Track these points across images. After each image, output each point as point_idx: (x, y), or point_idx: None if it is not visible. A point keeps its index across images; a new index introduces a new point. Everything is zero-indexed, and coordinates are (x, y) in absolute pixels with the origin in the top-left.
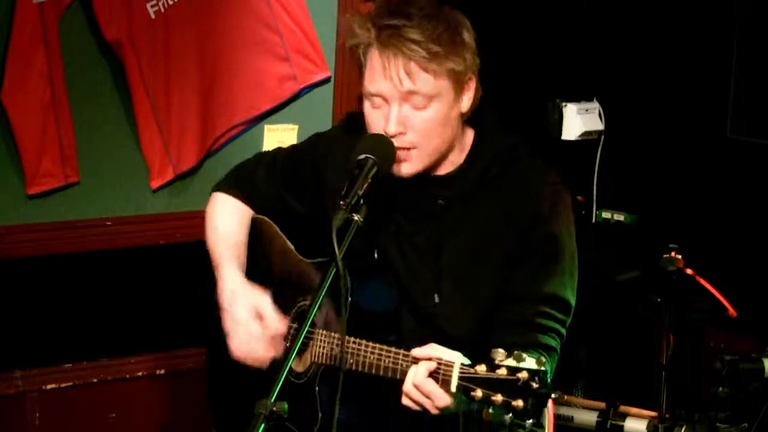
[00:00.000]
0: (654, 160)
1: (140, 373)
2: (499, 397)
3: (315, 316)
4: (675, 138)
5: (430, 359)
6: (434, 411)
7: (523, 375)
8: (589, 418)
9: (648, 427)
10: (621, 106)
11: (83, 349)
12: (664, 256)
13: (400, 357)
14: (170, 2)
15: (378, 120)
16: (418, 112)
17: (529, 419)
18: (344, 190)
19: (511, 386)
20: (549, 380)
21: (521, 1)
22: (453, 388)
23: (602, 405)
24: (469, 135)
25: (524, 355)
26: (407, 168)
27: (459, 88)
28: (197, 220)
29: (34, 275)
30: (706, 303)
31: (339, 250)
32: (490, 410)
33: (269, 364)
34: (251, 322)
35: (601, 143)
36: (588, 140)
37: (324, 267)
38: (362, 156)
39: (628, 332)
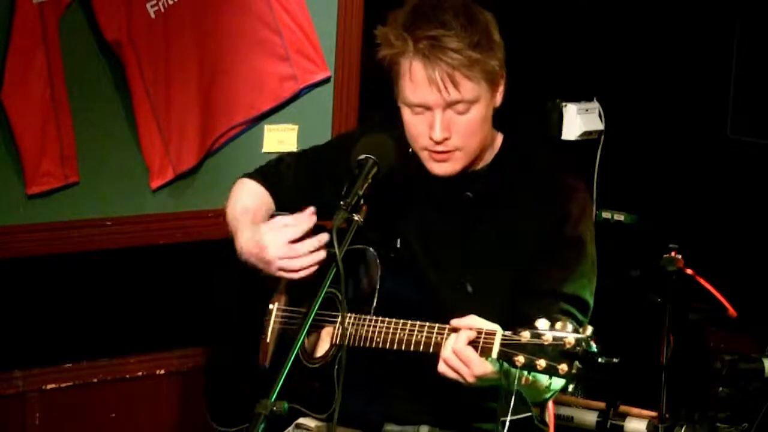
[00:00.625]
0: (654, 160)
1: (140, 373)
2: (542, 362)
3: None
4: (675, 138)
5: (470, 329)
6: (471, 379)
7: (569, 341)
8: (589, 418)
9: (648, 427)
10: (621, 106)
11: (83, 349)
12: (664, 256)
13: (435, 330)
14: (170, 2)
15: (421, 127)
16: (461, 116)
17: (573, 384)
18: (344, 190)
19: (555, 351)
20: (595, 347)
21: (521, 1)
22: (494, 354)
23: (602, 405)
24: (498, 136)
25: (569, 324)
26: (449, 167)
27: (494, 86)
28: (197, 220)
29: (34, 275)
30: (706, 303)
31: (339, 250)
32: (531, 377)
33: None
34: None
35: (601, 143)
36: (588, 140)
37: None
38: (362, 156)
39: (628, 332)
